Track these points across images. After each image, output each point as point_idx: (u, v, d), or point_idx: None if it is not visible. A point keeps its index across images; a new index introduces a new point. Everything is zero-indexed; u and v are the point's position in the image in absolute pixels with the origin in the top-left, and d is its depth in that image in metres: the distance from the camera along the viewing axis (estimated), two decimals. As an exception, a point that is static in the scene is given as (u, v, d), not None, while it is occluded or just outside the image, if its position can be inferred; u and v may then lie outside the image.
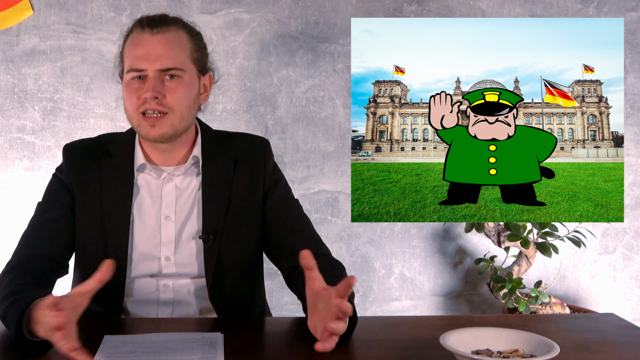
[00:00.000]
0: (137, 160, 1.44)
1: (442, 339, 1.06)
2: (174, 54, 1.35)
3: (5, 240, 2.46)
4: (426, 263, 2.68)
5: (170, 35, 1.36)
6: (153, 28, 1.35)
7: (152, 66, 1.33)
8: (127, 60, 1.37)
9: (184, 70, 1.37)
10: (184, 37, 1.39)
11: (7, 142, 2.47)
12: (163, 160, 1.44)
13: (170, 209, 1.42)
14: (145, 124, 1.35)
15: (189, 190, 1.44)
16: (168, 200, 1.43)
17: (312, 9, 2.54)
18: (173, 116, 1.35)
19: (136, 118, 1.36)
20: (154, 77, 1.33)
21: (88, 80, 2.48)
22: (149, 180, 1.44)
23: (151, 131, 1.35)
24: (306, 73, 2.56)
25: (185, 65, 1.37)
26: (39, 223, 1.41)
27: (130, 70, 1.36)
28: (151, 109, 1.34)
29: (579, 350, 1.17)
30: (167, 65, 1.34)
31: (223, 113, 2.53)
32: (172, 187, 1.44)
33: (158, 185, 1.44)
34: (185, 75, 1.37)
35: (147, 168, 1.44)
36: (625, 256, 2.74)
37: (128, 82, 1.37)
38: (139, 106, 1.34)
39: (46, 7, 2.45)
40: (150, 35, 1.35)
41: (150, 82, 1.33)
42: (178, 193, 1.43)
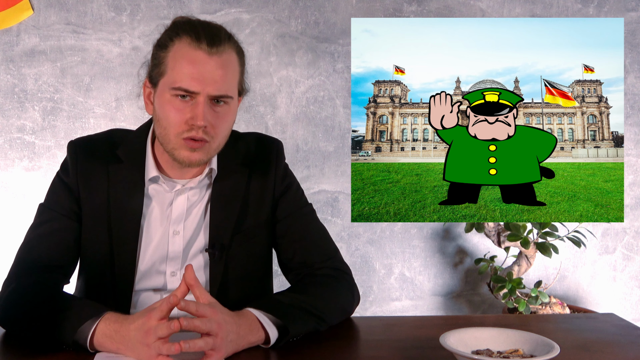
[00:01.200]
0: (149, 171, 1.35)
1: (442, 339, 1.06)
2: (227, 79, 1.25)
3: (6, 240, 2.46)
4: (426, 263, 2.68)
5: (226, 58, 1.25)
6: (211, 47, 1.23)
7: (206, 90, 1.22)
8: (174, 74, 1.24)
9: (233, 98, 1.28)
10: (235, 60, 1.28)
11: (7, 142, 2.47)
12: (177, 173, 1.36)
13: (179, 223, 1.35)
14: (186, 147, 1.25)
15: (201, 203, 1.37)
16: (178, 214, 1.36)
17: (312, 9, 2.54)
18: (213, 144, 1.27)
19: (174, 140, 1.26)
20: (204, 104, 1.23)
21: (88, 80, 2.48)
22: (160, 192, 1.36)
23: (192, 156, 1.26)
24: (306, 73, 2.56)
25: (234, 92, 1.28)
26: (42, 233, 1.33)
27: (179, 88, 1.23)
28: (198, 137, 1.24)
29: (579, 350, 1.17)
30: (221, 92, 1.24)
31: (223, 113, 2.53)
32: (183, 200, 1.36)
33: (169, 198, 1.36)
34: (232, 102, 1.28)
35: (159, 180, 1.36)
36: (625, 256, 2.74)
37: (171, 100, 1.25)
38: (183, 131, 1.24)
39: (46, 7, 2.45)
40: (207, 56, 1.22)
41: (202, 109, 1.22)
42: (189, 206, 1.37)
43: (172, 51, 1.25)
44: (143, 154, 1.36)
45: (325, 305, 1.26)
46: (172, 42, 1.25)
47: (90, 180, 1.34)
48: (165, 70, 1.25)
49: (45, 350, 1.11)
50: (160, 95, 1.27)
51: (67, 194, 1.34)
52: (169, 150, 1.29)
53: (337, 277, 1.35)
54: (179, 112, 1.24)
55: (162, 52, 1.26)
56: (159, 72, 1.26)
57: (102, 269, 1.34)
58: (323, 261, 1.37)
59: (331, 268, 1.37)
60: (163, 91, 1.26)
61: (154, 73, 1.28)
